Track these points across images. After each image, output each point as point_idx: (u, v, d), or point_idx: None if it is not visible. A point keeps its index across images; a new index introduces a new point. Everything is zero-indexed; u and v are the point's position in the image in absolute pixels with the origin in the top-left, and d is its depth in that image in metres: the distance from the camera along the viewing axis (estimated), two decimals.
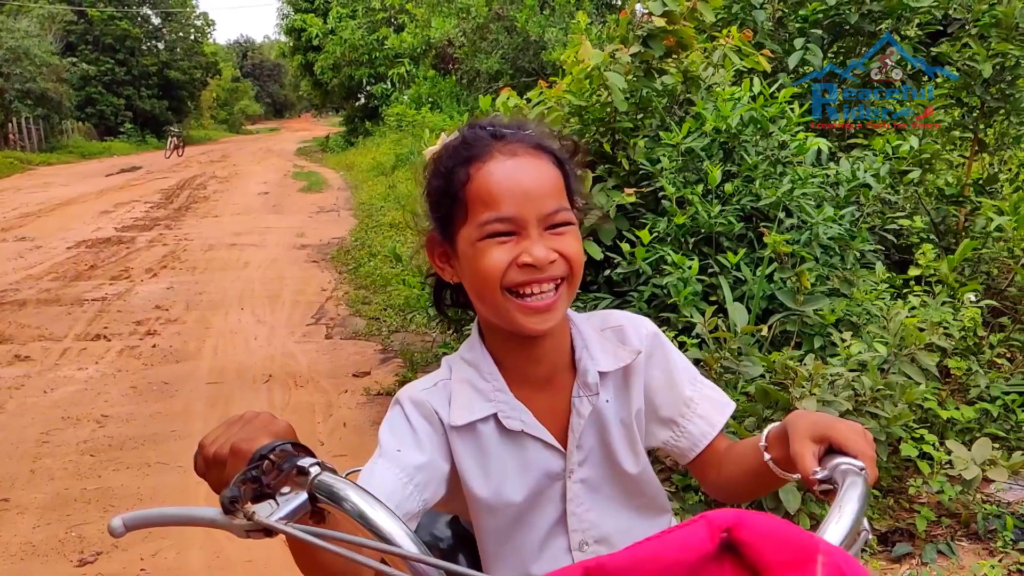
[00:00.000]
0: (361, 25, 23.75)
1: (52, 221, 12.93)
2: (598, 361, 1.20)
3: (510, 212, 1.09)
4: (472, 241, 1.11)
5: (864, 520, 0.84)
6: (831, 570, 0.60)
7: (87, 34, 38.76)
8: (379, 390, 5.07)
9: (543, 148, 1.15)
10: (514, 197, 1.09)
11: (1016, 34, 4.46)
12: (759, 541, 0.60)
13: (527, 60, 15.65)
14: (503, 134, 1.15)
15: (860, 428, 0.98)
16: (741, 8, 5.28)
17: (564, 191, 1.14)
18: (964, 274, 4.22)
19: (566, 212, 1.12)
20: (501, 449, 1.16)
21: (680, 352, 1.29)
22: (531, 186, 1.10)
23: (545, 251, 1.08)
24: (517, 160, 1.11)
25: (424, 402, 1.16)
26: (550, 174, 1.13)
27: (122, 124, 38.35)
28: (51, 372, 5.60)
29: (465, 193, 1.12)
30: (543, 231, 1.10)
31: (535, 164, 1.12)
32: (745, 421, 2.95)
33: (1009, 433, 3.45)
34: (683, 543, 0.61)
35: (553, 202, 1.11)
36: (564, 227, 1.11)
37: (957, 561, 2.91)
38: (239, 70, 70.56)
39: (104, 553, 3.33)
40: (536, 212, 1.09)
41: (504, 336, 1.17)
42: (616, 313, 1.28)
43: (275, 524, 0.80)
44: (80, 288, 8.15)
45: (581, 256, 1.14)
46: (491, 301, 1.12)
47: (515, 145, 1.13)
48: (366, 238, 10.22)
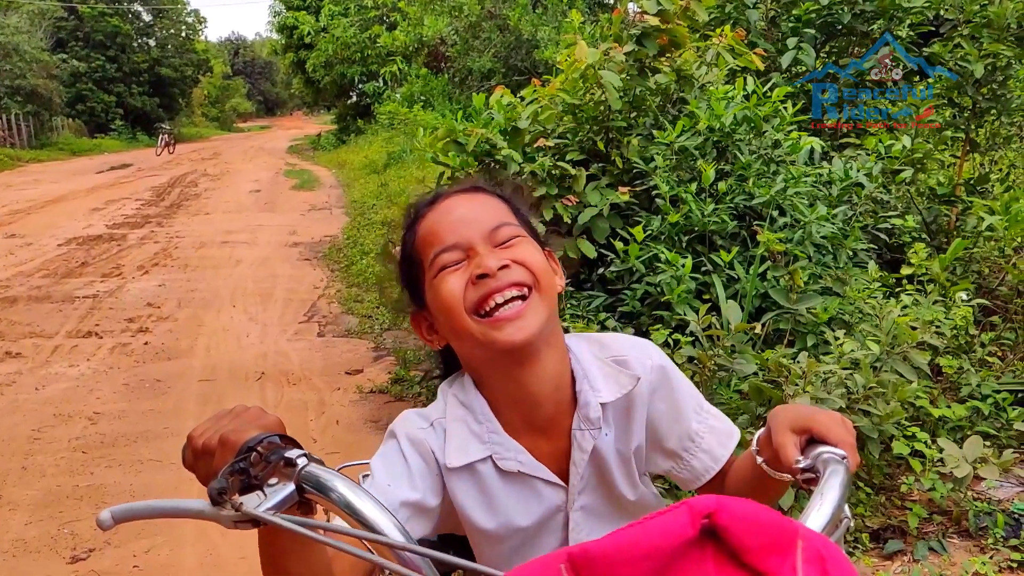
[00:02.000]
0: (353, 23, 23.71)
1: (42, 218, 12.87)
2: (599, 391, 1.15)
3: (452, 239, 1.10)
4: (431, 283, 1.12)
5: (845, 507, 0.86)
6: (811, 555, 0.61)
7: (77, 30, 38.57)
8: (372, 388, 5.07)
9: (479, 188, 1.18)
10: (454, 226, 1.11)
11: (1007, 35, 4.49)
12: (739, 526, 0.61)
13: (519, 59, 15.66)
14: (440, 191, 1.19)
15: (839, 417, 0.98)
16: (734, 7, 5.30)
17: (511, 215, 1.15)
18: (955, 273, 4.25)
19: (512, 227, 1.12)
20: (502, 486, 1.14)
21: (686, 380, 1.25)
22: (469, 213, 1.12)
23: (496, 259, 1.07)
24: (453, 199, 1.15)
25: (422, 441, 1.13)
26: (490, 202, 1.15)
27: (113, 121, 38.16)
28: (42, 369, 5.57)
29: (415, 248, 1.15)
30: (492, 248, 1.10)
31: (471, 198, 1.15)
32: (739, 419, 2.96)
33: (1000, 431, 3.48)
34: (665, 529, 0.61)
35: (495, 219, 1.12)
36: (513, 239, 1.11)
37: (948, 558, 2.92)
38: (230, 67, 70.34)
39: (97, 550, 3.32)
40: (479, 231, 1.10)
41: (498, 377, 1.13)
42: (621, 340, 1.24)
43: (263, 515, 0.80)
44: (71, 285, 8.12)
45: (542, 263, 1.12)
46: (463, 330, 1.09)
47: (449, 193, 1.17)
48: (358, 236, 10.20)
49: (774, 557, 0.60)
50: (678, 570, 0.61)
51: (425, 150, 4.60)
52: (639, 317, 3.88)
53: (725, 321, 3.27)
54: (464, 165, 4.36)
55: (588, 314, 3.92)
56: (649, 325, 3.72)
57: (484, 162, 4.41)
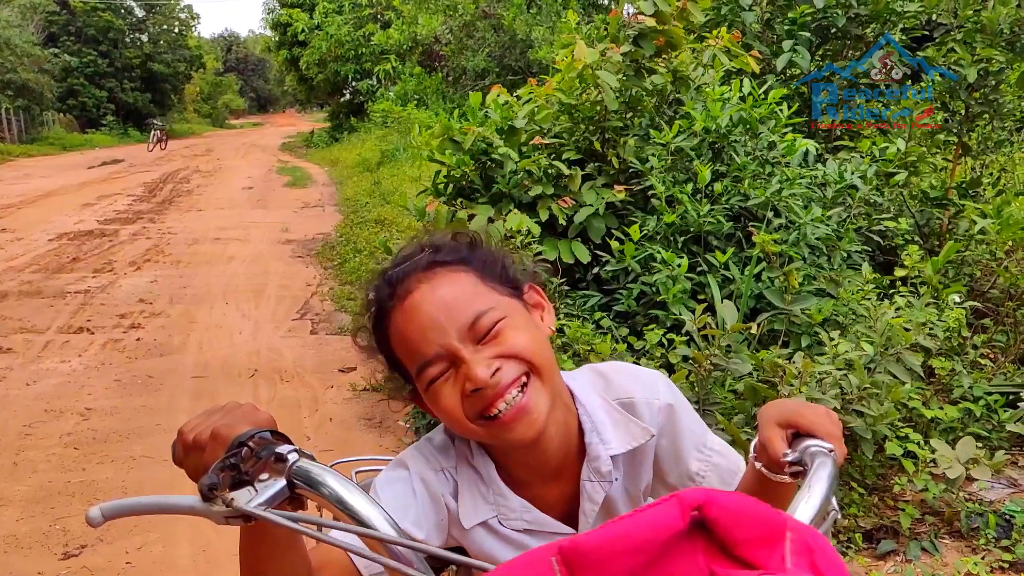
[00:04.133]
0: (347, 21, 23.69)
1: (33, 213, 12.80)
2: (609, 443, 1.12)
3: (431, 350, 1.01)
4: (423, 393, 1.06)
5: (833, 500, 0.87)
6: (799, 546, 0.61)
7: (69, 25, 38.39)
8: (365, 386, 5.05)
9: (437, 264, 1.07)
10: (427, 333, 1.02)
11: (1000, 40, 4.52)
12: (728, 519, 0.62)
13: (514, 58, 15.67)
14: (395, 276, 1.07)
15: (825, 410, 0.99)
16: (730, 9, 5.31)
17: (481, 288, 1.06)
18: (947, 276, 4.28)
19: (489, 313, 1.03)
20: (513, 533, 1.14)
21: (692, 415, 1.21)
22: (439, 311, 1.02)
23: (485, 367, 1.00)
24: (414, 296, 1.04)
25: (432, 483, 1.11)
26: (456, 283, 1.05)
27: (104, 116, 37.99)
28: (33, 364, 5.55)
29: (393, 352, 1.08)
30: (476, 345, 1.01)
31: (432, 288, 1.04)
32: (734, 418, 2.97)
33: (991, 433, 3.50)
34: (655, 521, 0.62)
35: (469, 312, 1.02)
36: (496, 326, 1.02)
37: (941, 558, 2.94)
38: (223, 64, 70.12)
39: (89, 546, 3.31)
40: (456, 331, 1.01)
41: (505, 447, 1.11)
42: (627, 376, 1.19)
43: (254, 510, 0.80)
44: (62, 280, 8.08)
45: (534, 345, 1.04)
46: (471, 433, 1.06)
47: (409, 281, 1.06)
48: (351, 234, 10.18)
49: (763, 548, 0.61)
50: (669, 562, 0.62)
51: (422, 147, 4.60)
52: (634, 316, 3.89)
53: (721, 321, 3.28)
54: (460, 163, 4.36)
55: (583, 313, 3.93)
56: (644, 325, 3.73)
57: (480, 160, 4.42)
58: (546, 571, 0.62)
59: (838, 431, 0.97)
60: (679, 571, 0.62)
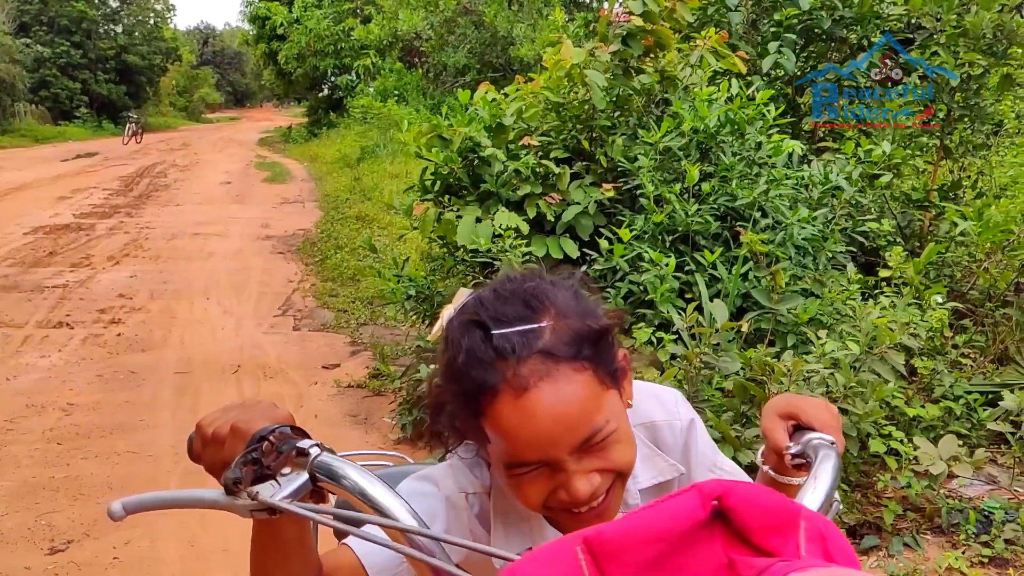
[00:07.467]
0: (327, 15, 23.55)
1: (6, 206, 12.61)
2: (637, 477, 1.11)
3: (535, 458, 0.92)
4: (499, 468, 0.97)
5: (835, 491, 0.90)
6: (812, 534, 0.64)
7: (41, 15, 37.77)
8: (350, 382, 5.06)
9: (560, 358, 0.92)
10: (536, 442, 0.91)
11: (983, 44, 4.59)
12: (746, 508, 0.64)
13: (495, 55, 15.67)
14: (508, 350, 0.91)
15: (823, 403, 1.02)
16: (716, 10, 5.35)
17: (598, 390, 0.94)
18: (928, 277, 4.34)
19: (605, 428, 0.93)
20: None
21: (705, 435, 1.20)
22: (554, 427, 0.91)
23: (587, 483, 0.93)
24: (531, 394, 0.90)
25: (463, 509, 1.09)
26: (576, 393, 0.92)
27: (78, 108, 37.40)
28: (13, 359, 5.48)
29: (480, 425, 0.95)
30: (580, 454, 0.93)
31: (555, 390, 0.90)
32: (723, 416, 3.00)
33: (971, 431, 3.56)
34: (676, 512, 0.64)
35: (587, 428, 0.92)
36: (606, 439, 0.94)
37: (922, 553, 3.00)
38: (199, 57, 69.39)
39: (75, 542, 3.29)
40: (568, 447, 0.92)
41: None
42: (647, 396, 1.16)
43: (279, 503, 0.81)
44: (40, 275, 7.99)
45: (631, 457, 0.98)
46: (535, 510, 1.00)
47: (525, 367, 0.90)
48: (332, 230, 10.14)
49: (779, 537, 0.64)
50: (689, 550, 0.64)
51: (409, 144, 4.60)
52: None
53: (709, 319, 3.32)
54: (448, 161, 4.37)
55: None
56: (632, 323, 3.76)
57: (468, 158, 4.42)
58: (571, 560, 0.64)
59: (837, 423, 1.00)
60: (699, 559, 0.64)
